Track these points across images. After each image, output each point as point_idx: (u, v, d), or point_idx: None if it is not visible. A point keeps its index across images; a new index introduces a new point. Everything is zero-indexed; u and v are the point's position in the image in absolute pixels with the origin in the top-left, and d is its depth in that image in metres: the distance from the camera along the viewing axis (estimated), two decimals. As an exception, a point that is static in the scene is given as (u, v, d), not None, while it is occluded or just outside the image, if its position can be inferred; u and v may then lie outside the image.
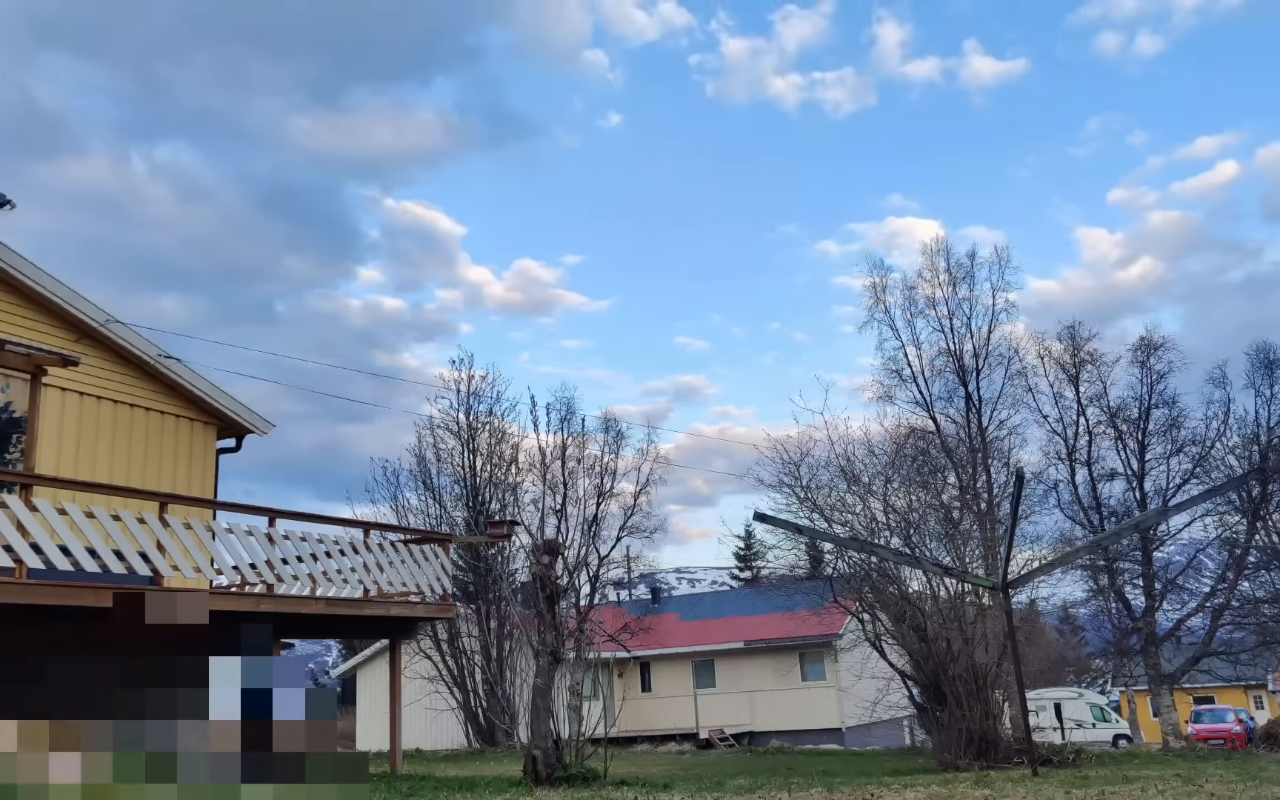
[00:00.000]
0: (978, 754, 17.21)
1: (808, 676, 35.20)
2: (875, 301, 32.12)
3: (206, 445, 15.29)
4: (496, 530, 26.82)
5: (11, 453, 12.44)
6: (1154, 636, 30.33)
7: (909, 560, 18.93)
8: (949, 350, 31.54)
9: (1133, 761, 17.27)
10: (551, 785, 11.60)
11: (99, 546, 10.23)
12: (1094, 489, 30.92)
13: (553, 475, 31.21)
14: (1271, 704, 52.05)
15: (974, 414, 31.08)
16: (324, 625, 14.53)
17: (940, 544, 21.34)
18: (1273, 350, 29.81)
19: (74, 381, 13.21)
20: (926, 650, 18.96)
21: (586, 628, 29.93)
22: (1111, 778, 12.13)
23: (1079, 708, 39.15)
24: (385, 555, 13.75)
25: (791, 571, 29.46)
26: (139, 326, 14.26)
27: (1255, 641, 31.01)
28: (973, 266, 31.93)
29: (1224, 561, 31.27)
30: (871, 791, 9.89)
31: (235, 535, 11.99)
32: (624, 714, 33.39)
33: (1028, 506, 27.89)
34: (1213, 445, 29.87)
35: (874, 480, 22.55)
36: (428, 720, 31.29)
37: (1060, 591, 35.23)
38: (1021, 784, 11.26)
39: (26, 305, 13.06)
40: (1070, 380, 31.47)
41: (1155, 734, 35.34)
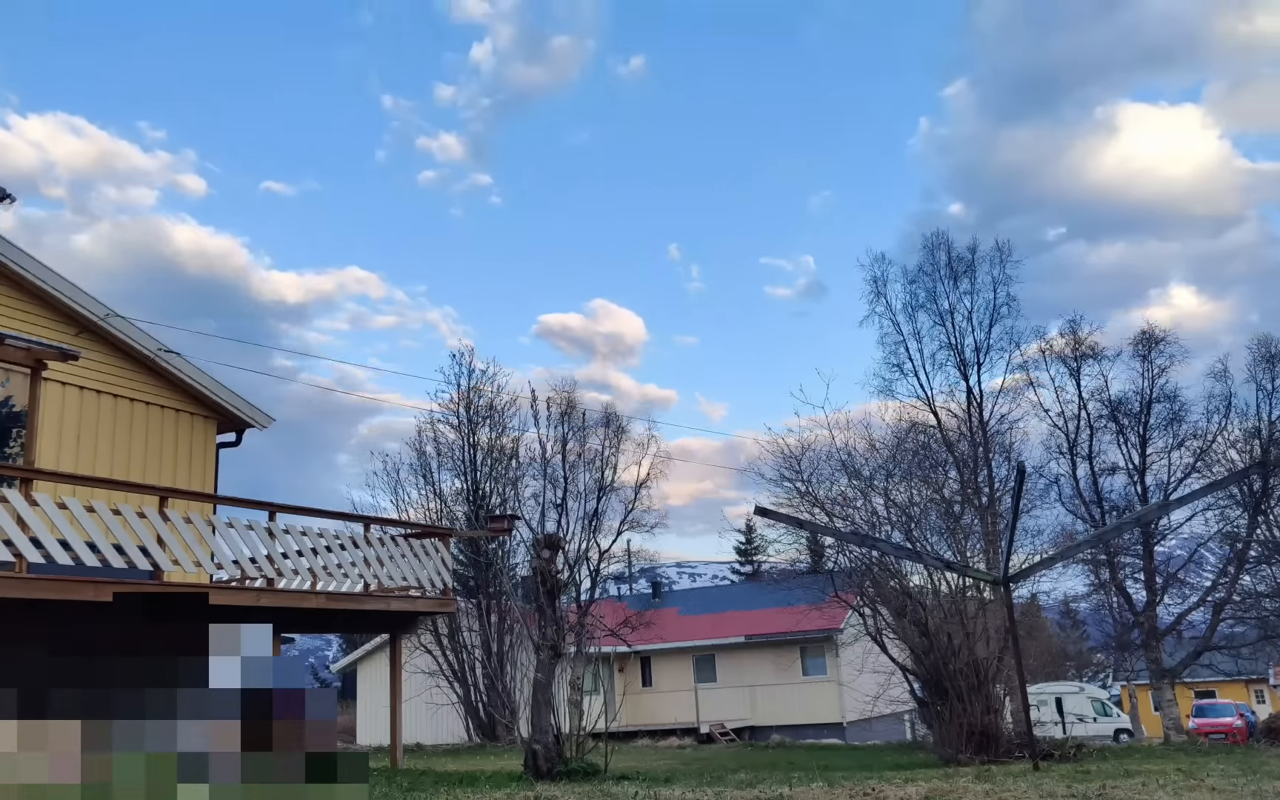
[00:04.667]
0: (979, 748, 17.22)
1: (809, 671, 35.21)
2: (876, 295, 32.19)
3: (206, 439, 15.27)
4: (497, 524, 26.86)
5: (12, 447, 12.41)
6: (1155, 631, 30.33)
7: (910, 555, 18.91)
8: (950, 344, 31.57)
9: (1134, 756, 17.26)
10: (552, 780, 11.58)
11: (99, 541, 10.20)
12: (1095, 483, 30.92)
13: (553, 469, 31.32)
14: (1273, 698, 52.11)
15: (975, 408, 31.10)
16: (324, 620, 14.50)
17: (941, 538, 21.33)
18: (1274, 344, 29.79)
19: (74, 376, 13.19)
20: (928, 645, 18.95)
21: (587, 622, 30.03)
22: (1113, 772, 12.11)
23: (1080, 702, 39.18)
24: (386, 550, 13.73)
25: (792, 566, 29.47)
26: (139, 321, 14.25)
27: (1256, 636, 31.03)
28: (974, 260, 31.97)
29: (1225, 556, 31.27)
30: (872, 786, 9.86)
31: (235, 530, 11.96)
32: (625, 709, 33.48)
33: (1029, 501, 27.88)
34: (1214, 439, 29.88)
35: (875, 474, 22.53)
36: (428, 715, 31.31)
37: (1061, 586, 35.40)
38: (1023, 778, 11.24)
39: (27, 299, 13.03)
40: (1071, 374, 31.48)
41: (1157, 728, 35.39)
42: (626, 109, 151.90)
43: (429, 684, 30.82)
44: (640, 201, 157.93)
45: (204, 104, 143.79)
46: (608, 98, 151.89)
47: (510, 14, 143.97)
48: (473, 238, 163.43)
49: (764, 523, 36.55)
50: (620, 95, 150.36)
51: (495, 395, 34.03)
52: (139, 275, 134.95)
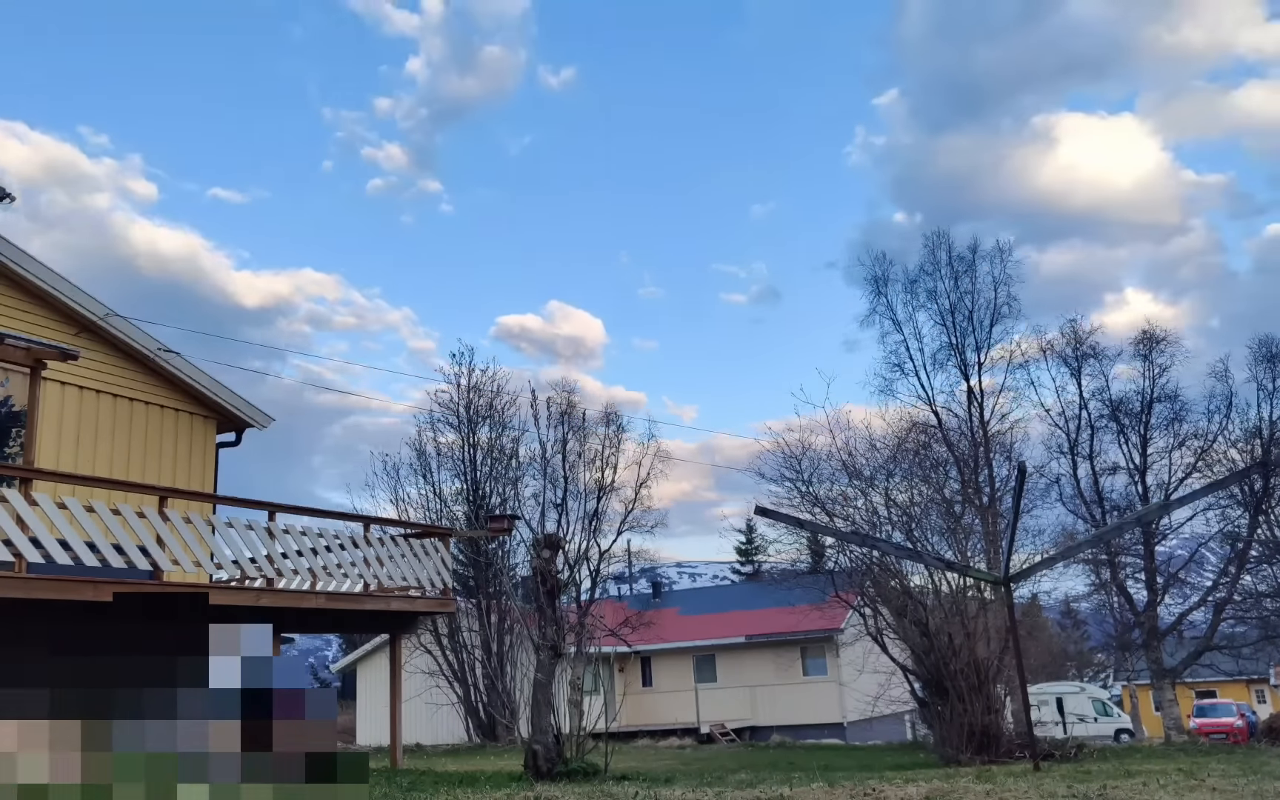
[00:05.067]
0: (979, 748, 17.21)
1: (809, 671, 35.20)
2: (876, 295, 32.20)
3: (206, 439, 15.26)
4: (497, 524, 26.84)
5: (11, 447, 12.40)
6: (1156, 631, 30.31)
7: (911, 554, 18.90)
8: (951, 344, 31.56)
9: (1135, 756, 17.25)
10: (552, 780, 11.57)
11: (99, 541, 10.19)
12: (1096, 483, 30.90)
13: (553, 469, 31.31)
14: (1274, 698, 52.10)
15: (976, 407, 31.10)
16: (324, 620, 14.49)
17: (942, 538, 21.32)
18: (1275, 343, 29.76)
19: (74, 375, 13.17)
20: (928, 645, 18.93)
21: (587, 622, 30.01)
22: (1114, 772, 12.10)
23: (1081, 702, 39.17)
24: (385, 550, 13.72)
25: (793, 566, 29.46)
26: (138, 320, 14.23)
27: (1257, 636, 31.00)
28: (974, 259, 31.97)
29: (1226, 555, 31.24)
30: (873, 786, 9.85)
31: (235, 530, 11.95)
32: (625, 709, 33.43)
33: (1030, 500, 27.89)
34: (1215, 439, 29.86)
35: (876, 474, 22.52)
36: (428, 715, 31.29)
37: (1062, 585, 35.40)
38: (1023, 779, 11.23)
39: (26, 299, 13.02)
40: (1072, 373, 31.47)
41: (1157, 729, 35.37)
42: (563, 117, 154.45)
43: (429, 684, 30.80)
44: (588, 208, 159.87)
45: (147, 112, 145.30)
46: (543, 107, 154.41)
47: (439, 26, 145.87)
48: (425, 242, 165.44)
49: (764, 522, 36.56)
50: (555, 104, 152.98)
51: (495, 395, 34.04)
52: (100, 280, 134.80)
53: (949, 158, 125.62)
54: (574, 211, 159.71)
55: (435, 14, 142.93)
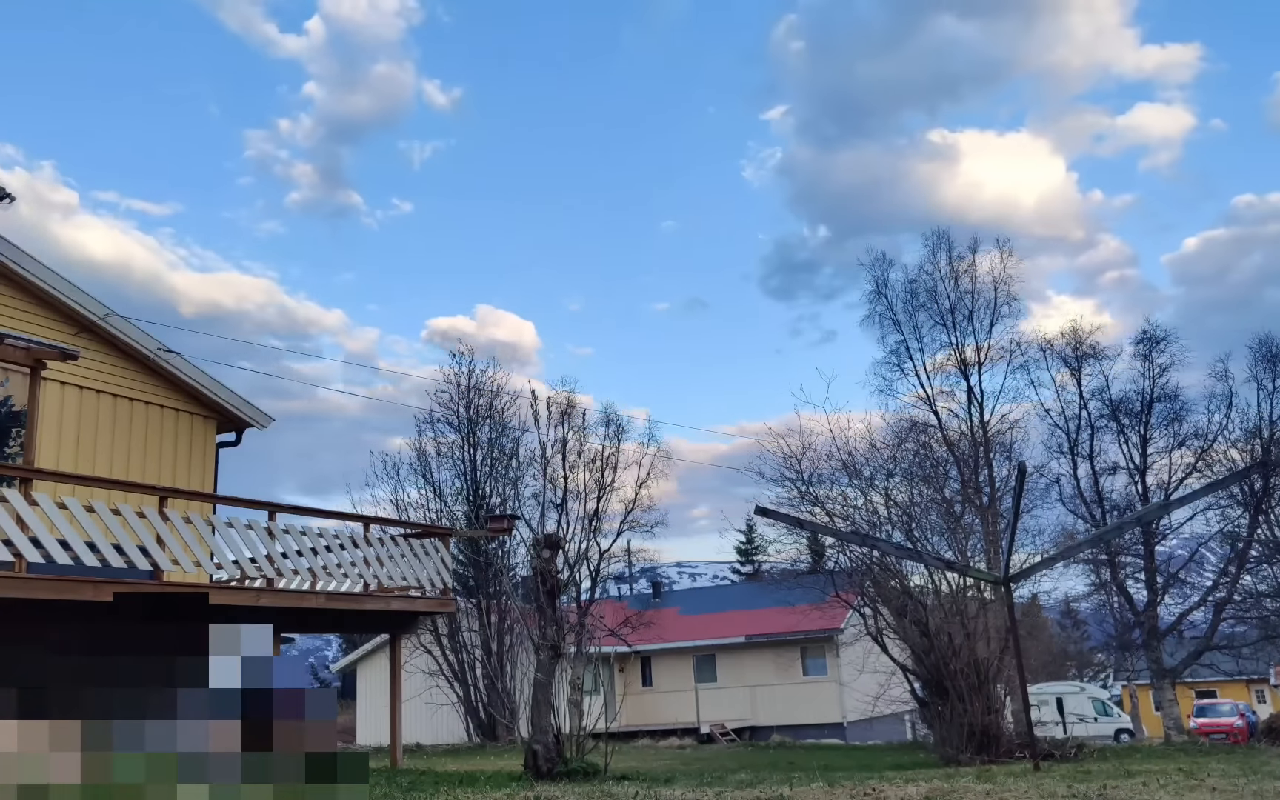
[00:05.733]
0: (979, 748, 17.20)
1: (809, 671, 35.20)
2: (876, 295, 32.21)
3: (206, 439, 15.25)
4: (497, 524, 26.84)
5: (11, 447, 12.40)
6: (1156, 631, 30.31)
7: (911, 554, 18.89)
8: (951, 344, 31.58)
9: (1135, 756, 17.25)
10: (552, 780, 11.56)
11: (99, 541, 10.19)
12: (1096, 483, 30.91)
13: (553, 469, 31.29)
14: (1274, 698, 52.11)
15: (976, 407, 31.10)
16: (324, 620, 14.48)
17: (942, 538, 21.31)
18: (1274, 343, 29.77)
19: (73, 375, 13.17)
20: (928, 645, 18.93)
21: (587, 622, 30.00)
22: (1113, 772, 12.10)
23: (1081, 702, 39.16)
24: (385, 550, 13.72)
25: (793, 566, 29.45)
26: (138, 320, 14.23)
27: (1257, 636, 31.01)
28: (974, 260, 31.98)
29: (1226, 555, 31.24)
30: (873, 786, 9.85)
31: (235, 529, 11.95)
32: (625, 709, 33.44)
33: (1030, 500, 27.90)
34: (1215, 439, 29.86)
35: (875, 474, 22.52)
36: (428, 715, 31.30)
37: (1062, 585, 35.40)
38: (1023, 778, 11.23)
39: (26, 299, 13.01)
40: (1072, 373, 31.46)
41: (1157, 728, 35.37)
42: (462, 131, 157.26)
43: (429, 684, 30.80)
44: (507, 218, 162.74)
45: (55, 121, 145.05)
46: (440, 121, 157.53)
47: (324, 48, 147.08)
48: (351, 249, 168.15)
49: (764, 522, 36.55)
50: (450, 119, 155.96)
51: (495, 395, 34.05)
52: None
53: (845, 173, 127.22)
54: (492, 222, 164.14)
55: (319, 35, 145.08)
